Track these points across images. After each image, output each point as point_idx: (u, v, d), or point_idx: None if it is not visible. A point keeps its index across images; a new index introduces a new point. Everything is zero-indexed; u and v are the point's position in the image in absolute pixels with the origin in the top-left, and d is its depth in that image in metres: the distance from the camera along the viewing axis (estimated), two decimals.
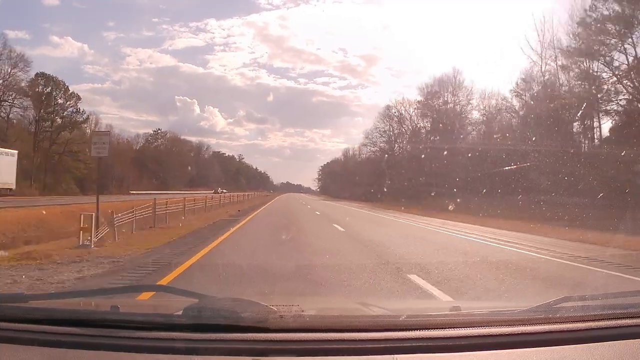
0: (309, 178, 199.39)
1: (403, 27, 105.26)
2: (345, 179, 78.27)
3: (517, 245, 12.82)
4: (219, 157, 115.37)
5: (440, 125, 51.22)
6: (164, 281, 6.93)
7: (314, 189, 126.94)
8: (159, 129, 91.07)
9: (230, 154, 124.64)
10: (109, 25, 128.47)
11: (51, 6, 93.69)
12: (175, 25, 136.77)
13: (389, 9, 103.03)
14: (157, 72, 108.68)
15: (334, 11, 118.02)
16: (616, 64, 30.08)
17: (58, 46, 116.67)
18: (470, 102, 51.39)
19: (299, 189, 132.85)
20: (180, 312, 1.73)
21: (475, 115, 50.67)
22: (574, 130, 32.85)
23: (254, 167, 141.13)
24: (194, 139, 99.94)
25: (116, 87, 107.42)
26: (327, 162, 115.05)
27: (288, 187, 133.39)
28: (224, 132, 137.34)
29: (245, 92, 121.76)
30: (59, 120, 57.49)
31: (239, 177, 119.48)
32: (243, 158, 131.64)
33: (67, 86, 57.73)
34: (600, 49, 30.06)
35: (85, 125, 60.04)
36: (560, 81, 34.63)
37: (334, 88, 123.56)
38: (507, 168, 27.96)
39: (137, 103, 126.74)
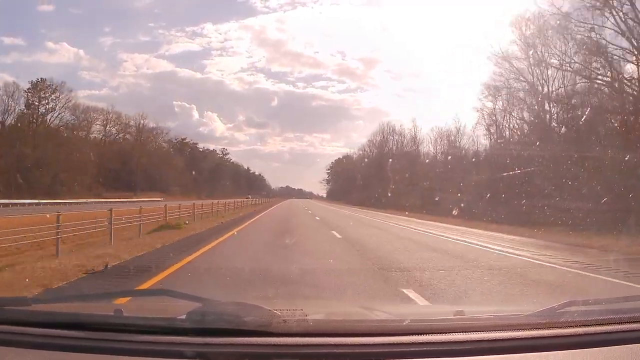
0: (310, 182, 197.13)
1: (402, 30, 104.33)
2: (377, 179, 53.62)
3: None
4: (191, 149, 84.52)
5: None
6: None
7: (316, 193, 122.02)
8: (49, 84, 50.68)
9: (209, 148, 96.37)
10: (105, 31, 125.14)
11: (46, 12, 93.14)
12: (171, 30, 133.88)
13: (387, 11, 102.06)
14: (155, 78, 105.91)
15: (331, 13, 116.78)
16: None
17: (54, 52, 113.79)
18: None
19: (300, 193, 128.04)
20: (183, 316, 1.73)
21: None
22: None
23: (246, 167, 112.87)
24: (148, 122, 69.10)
25: (113, 93, 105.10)
26: (339, 159, 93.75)
27: (288, 192, 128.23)
28: (224, 138, 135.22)
29: (244, 96, 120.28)
30: None
31: (220, 178, 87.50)
32: (228, 153, 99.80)
33: None
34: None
35: None
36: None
37: (332, 92, 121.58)
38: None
39: (135, 109, 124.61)
